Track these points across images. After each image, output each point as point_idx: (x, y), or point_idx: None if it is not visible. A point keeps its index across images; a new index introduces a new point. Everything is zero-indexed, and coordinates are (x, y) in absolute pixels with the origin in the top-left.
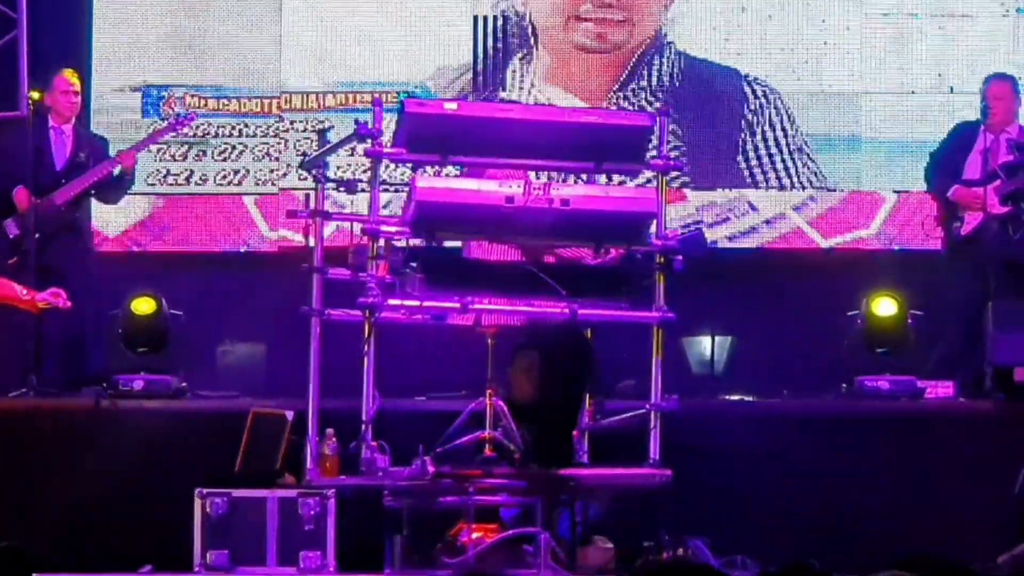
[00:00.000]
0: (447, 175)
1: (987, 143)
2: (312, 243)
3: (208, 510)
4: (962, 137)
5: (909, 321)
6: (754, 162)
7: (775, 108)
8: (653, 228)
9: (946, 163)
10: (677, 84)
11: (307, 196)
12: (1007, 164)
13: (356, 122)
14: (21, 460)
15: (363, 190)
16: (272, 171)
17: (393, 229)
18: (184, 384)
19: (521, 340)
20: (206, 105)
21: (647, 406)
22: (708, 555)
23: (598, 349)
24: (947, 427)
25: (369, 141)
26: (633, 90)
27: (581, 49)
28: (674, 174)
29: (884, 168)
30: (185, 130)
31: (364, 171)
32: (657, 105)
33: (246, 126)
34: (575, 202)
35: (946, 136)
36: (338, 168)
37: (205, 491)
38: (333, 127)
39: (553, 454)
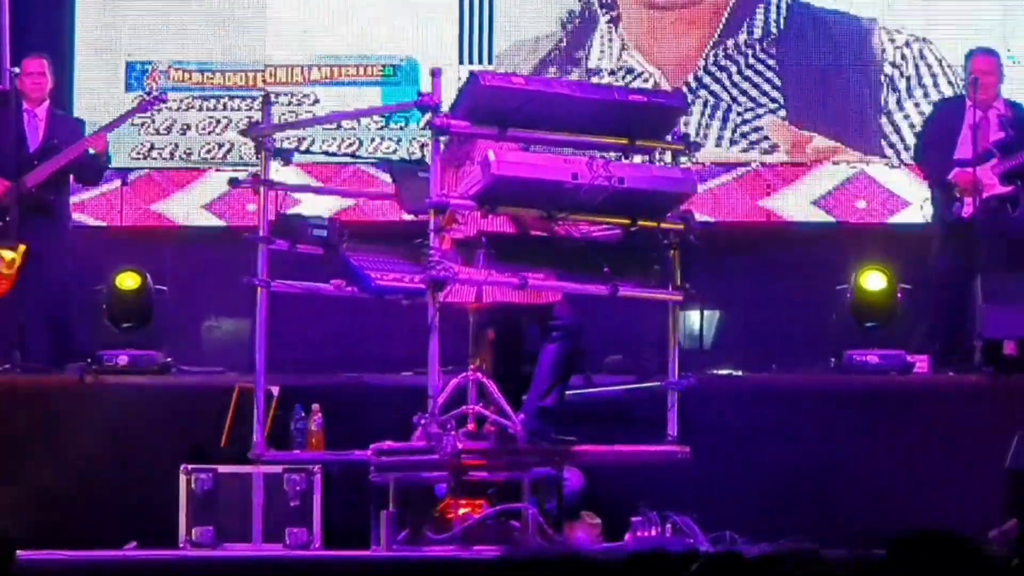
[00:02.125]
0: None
1: (976, 119)
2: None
3: (193, 486)
4: (949, 113)
5: (898, 295)
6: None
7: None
8: None
9: (937, 141)
10: (787, 35)
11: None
12: (1001, 142)
13: (418, 93)
14: (4, 436)
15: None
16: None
17: (458, 202)
18: (169, 360)
19: (480, 319)
20: (190, 79)
21: (664, 384)
22: (696, 531)
23: (587, 325)
24: (936, 401)
25: (430, 113)
26: (736, 46)
27: (651, 7)
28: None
29: None
30: (156, 109)
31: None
32: (770, 63)
33: (230, 99)
34: (629, 180)
35: (931, 112)
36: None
37: (190, 467)
38: (275, 96)
39: None
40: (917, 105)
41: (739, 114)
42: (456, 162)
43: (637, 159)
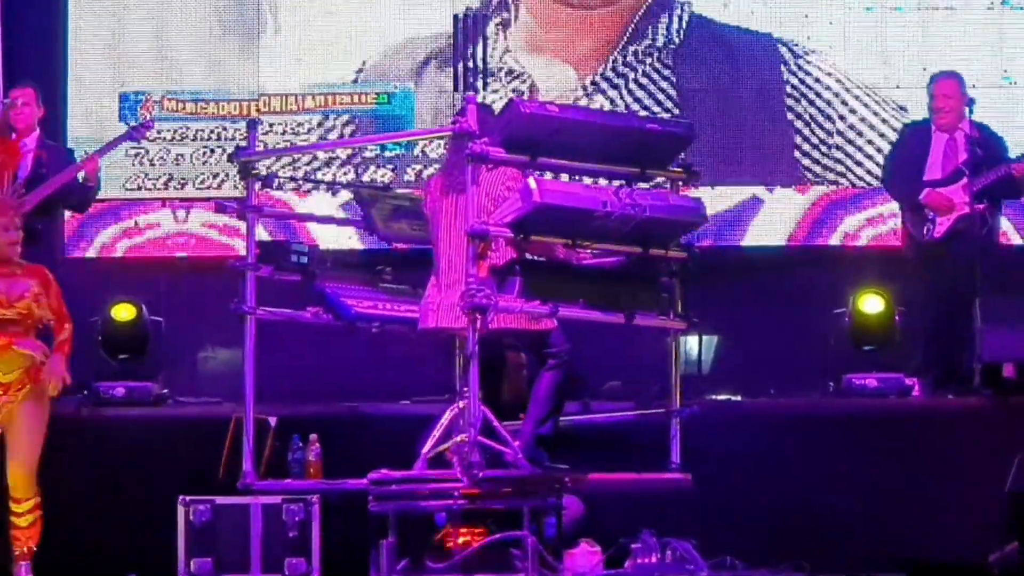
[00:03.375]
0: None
1: (944, 142)
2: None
3: (191, 517)
4: (915, 137)
5: (896, 318)
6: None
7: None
8: None
9: (905, 165)
10: (687, 46)
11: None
12: (970, 161)
13: (454, 121)
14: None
15: (281, 187)
16: None
17: (497, 231)
18: (165, 391)
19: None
20: (184, 109)
21: (668, 412)
22: (696, 557)
23: (586, 351)
24: (936, 424)
25: (468, 141)
26: (636, 53)
27: (565, 3)
28: None
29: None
30: (144, 137)
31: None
32: (666, 73)
33: (224, 129)
34: (650, 209)
35: (898, 137)
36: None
37: (188, 498)
38: (269, 125)
39: None
40: (820, 126)
41: None
42: (456, 188)
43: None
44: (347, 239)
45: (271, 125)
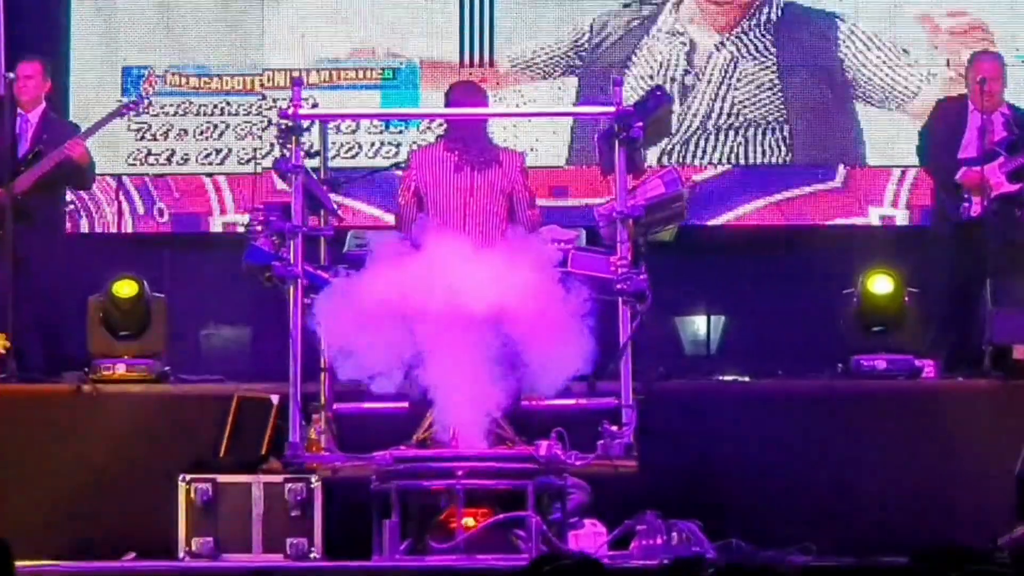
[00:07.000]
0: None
1: (981, 121)
2: None
3: (192, 496)
4: (952, 115)
5: (906, 299)
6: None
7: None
8: None
9: (941, 141)
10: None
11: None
12: (1006, 141)
13: (617, 105)
14: (1, 446)
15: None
16: (255, 150)
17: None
18: (167, 368)
19: None
20: (187, 84)
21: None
22: (702, 539)
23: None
24: (945, 406)
25: (621, 127)
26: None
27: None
28: None
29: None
30: (134, 113)
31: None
32: (763, 46)
33: (228, 104)
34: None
35: (933, 113)
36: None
37: (189, 477)
38: (273, 100)
39: None
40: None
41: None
42: (477, 164)
43: None
44: None
45: (275, 101)
